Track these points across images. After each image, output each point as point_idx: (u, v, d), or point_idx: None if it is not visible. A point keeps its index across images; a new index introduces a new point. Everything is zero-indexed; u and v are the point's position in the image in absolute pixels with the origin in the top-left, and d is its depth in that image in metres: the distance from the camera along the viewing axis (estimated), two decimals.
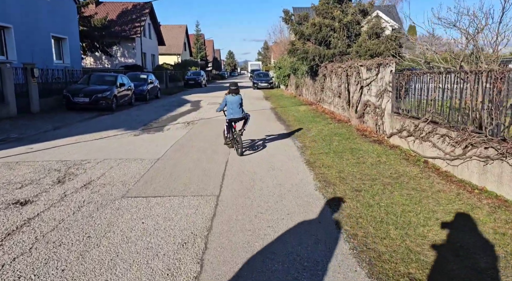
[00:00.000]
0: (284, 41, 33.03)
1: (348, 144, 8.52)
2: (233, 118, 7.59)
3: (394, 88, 8.32)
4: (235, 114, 7.56)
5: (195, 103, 19.56)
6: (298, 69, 20.93)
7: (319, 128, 10.72)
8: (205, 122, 12.57)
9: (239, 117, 7.61)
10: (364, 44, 13.84)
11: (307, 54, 14.79)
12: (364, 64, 10.09)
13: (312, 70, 16.73)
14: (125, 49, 33.94)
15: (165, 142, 8.96)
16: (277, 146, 8.59)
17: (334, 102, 13.80)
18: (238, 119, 7.64)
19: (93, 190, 5.30)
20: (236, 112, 7.56)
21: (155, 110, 16.36)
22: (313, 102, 17.71)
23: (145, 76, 22.24)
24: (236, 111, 7.57)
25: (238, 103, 7.56)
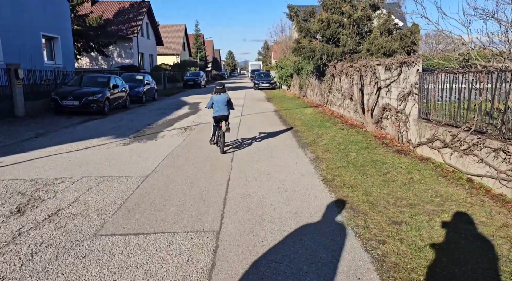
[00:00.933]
0: (285, 40, 31.89)
1: (368, 154, 7.35)
2: (218, 116, 7.76)
3: (421, 90, 7.15)
4: (220, 112, 7.73)
5: (193, 106, 18.38)
6: (303, 69, 19.77)
7: (331, 135, 9.55)
8: (204, 127, 11.40)
9: (224, 115, 7.76)
10: (376, 42, 12.68)
11: (313, 53, 13.63)
12: (382, 63, 8.91)
13: (319, 70, 15.55)
14: (122, 49, 32.77)
15: (157, 153, 7.79)
16: (286, 157, 7.42)
17: (344, 104, 12.62)
18: (223, 117, 7.76)
19: (58, 224, 4.13)
20: (221, 109, 7.73)
21: (150, 114, 15.19)
22: (320, 104, 16.53)
23: (141, 77, 21.07)
24: (221, 109, 7.73)
25: (223, 101, 7.72)
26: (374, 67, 9.35)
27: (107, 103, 15.11)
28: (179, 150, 8.07)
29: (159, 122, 12.46)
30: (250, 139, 9.37)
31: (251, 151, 8.00)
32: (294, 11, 14.23)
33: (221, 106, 7.70)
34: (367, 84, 10.17)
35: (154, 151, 7.94)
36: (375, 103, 9.51)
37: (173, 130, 10.89)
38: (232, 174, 6.20)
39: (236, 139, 9.36)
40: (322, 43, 13.56)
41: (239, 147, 8.51)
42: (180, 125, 11.75)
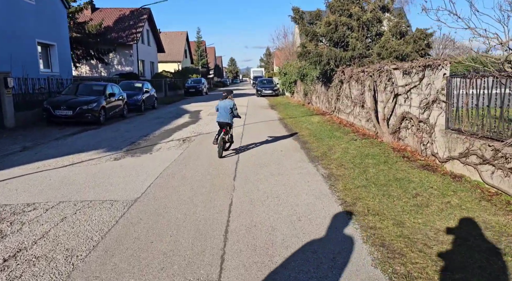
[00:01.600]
0: (288, 46, 31.14)
1: (389, 170, 6.42)
2: (218, 121, 7.88)
3: (450, 97, 6.24)
4: (221, 118, 7.82)
5: (194, 114, 17.52)
6: (307, 75, 18.91)
7: (343, 147, 8.63)
8: (204, 138, 10.51)
9: (223, 122, 7.79)
10: (388, 45, 11.80)
11: (320, 58, 12.77)
12: (399, 67, 8.02)
13: (325, 75, 14.68)
14: (122, 56, 32.08)
15: (150, 169, 6.89)
16: (295, 174, 6.50)
17: (354, 112, 11.71)
18: (223, 123, 7.81)
19: (12, 275, 3.22)
20: (222, 116, 7.82)
21: (148, 123, 14.32)
22: (326, 111, 15.63)
23: (140, 85, 20.27)
24: (222, 115, 7.82)
25: (226, 108, 7.74)
26: (390, 72, 8.45)
27: (103, 112, 14.28)
28: (175, 166, 7.17)
29: (157, 133, 11.58)
30: (254, 152, 8.48)
31: (256, 166, 7.09)
32: (299, 14, 13.41)
33: (222, 112, 7.79)
34: (381, 90, 9.28)
35: (147, 167, 7.04)
36: (391, 112, 8.60)
37: (170, 142, 10.00)
38: (235, 197, 5.29)
39: (239, 151, 8.46)
40: (329, 47, 12.71)
41: (242, 161, 7.61)
42: (178, 136, 10.86)
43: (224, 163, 7.43)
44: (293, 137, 10.54)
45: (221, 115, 7.78)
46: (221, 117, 7.78)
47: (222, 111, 7.76)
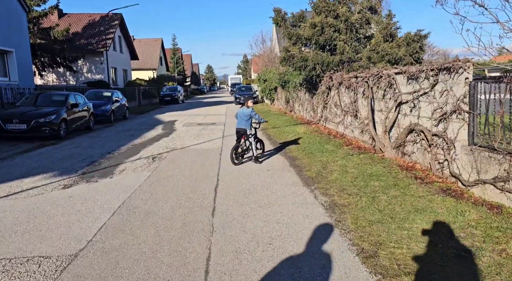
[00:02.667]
0: (267, 52, 30.08)
1: (404, 197, 5.19)
2: (237, 128, 7.86)
3: (475, 107, 5.10)
4: (239, 125, 7.82)
5: (168, 125, 15.98)
6: (289, 81, 17.77)
7: (340, 164, 7.38)
8: (178, 155, 9.06)
9: (242, 128, 7.74)
10: (379, 48, 10.75)
11: (306, 63, 11.59)
12: (403, 71, 6.87)
13: (310, 82, 13.54)
14: (92, 64, 30.10)
15: (106, 202, 5.41)
16: (289, 205, 5.18)
17: (345, 122, 10.55)
18: (242, 130, 7.76)
19: None
20: (240, 123, 7.80)
21: (116, 136, 12.71)
22: (312, 120, 14.46)
23: (109, 94, 18.56)
24: (240, 122, 7.81)
25: (244, 115, 7.71)
26: (392, 77, 7.30)
27: (64, 125, 12.57)
28: (138, 196, 5.70)
29: (123, 149, 10.03)
30: (236, 171, 7.12)
31: (240, 193, 5.72)
32: (281, 15, 12.23)
33: (240, 120, 7.78)
34: (379, 98, 8.13)
35: (103, 199, 5.55)
36: (393, 123, 7.43)
37: (138, 160, 8.49)
38: (214, 245, 3.90)
39: (219, 175, 7.07)
40: (315, 51, 11.56)
41: (223, 185, 6.23)
42: (148, 153, 9.36)
43: (201, 188, 6.03)
44: (280, 151, 9.24)
45: (240, 123, 7.71)
46: (240, 124, 7.71)
47: (241, 118, 7.70)
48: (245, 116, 7.68)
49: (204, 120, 17.77)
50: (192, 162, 8.24)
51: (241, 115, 7.75)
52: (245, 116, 7.68)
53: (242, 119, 7.72)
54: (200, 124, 15.84)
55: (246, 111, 7.71)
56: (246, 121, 7.67)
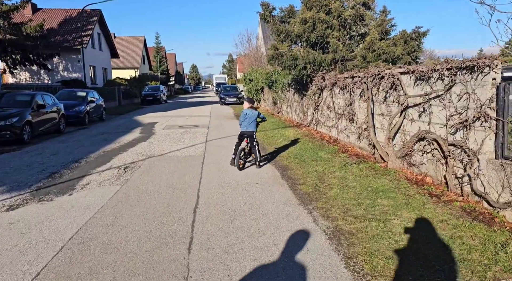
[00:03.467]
0: (253, 51, 29.11)
1: (422, 222, 4.30)
2: (242, 131, 7.40)
3: (505, 113, 4.24)
4: (246, 128, 7.34)
5: (147, 128, 14.82)
6: (277, 81, 16.85)
7: (339, 176, 6.46)
8: (154, 164, 7.98)
9: (250, 131, 7.32)
10: (375, 46, 9.91)
11: (296, 61, 10.66)
12: (411, 71, 6.00)
13: (300, 82, 12.63)
14: (68, 62, 28.53)
15: (55, 231, 4.32)
16: (285, 231, 4.21)
17: (339, 126, 9.66)
18: (249, 133, 7.32)
19: None
20: (248, 125, 7.33)
21: (87, 141, 11.51)
22: (301, 123, 13.55)
23: (83, 94, 17.24)
24: (248, 125, 7.33)
25: (252, 118, 7.36)
26: (397, 77, 6.42)
27: (28, 129, 11.32)
28: (99, 221, 4.63)
29: (93, 157, 8.88)
30: (220, 185, 6.11)
31: (224, 216, 4.72)
32: (269, 10, 11.27)
33: (248, 123, 7.32)
34: (379, 101, 7.26)
35: (53, 226, 4.46)
36: (397, 129, 6.56)
37: (107, 171, 7.38)
38: None
39: (199, 189, 6.05)
40: (306, 49, 10.64)
41: (204, 204, 5.22)
42: (120, 162, 8.25)
43: (178, 209, 5.00)
44: (269, 159, 8.28)
45: (248, 125, 7.27)
46: (248, 127, 7.27)
47: (248, 121, 7.28)
48: (253, 119, 7.26)
49: (186, 122, 16.67)
50: (169, 172, 7.19)
51: (249, 117, 7.29)
52: (252, 118, 7.26)
53: (249, 121, 7.26)
54: (182, 127, 14.74)
55: (254, 113, 7.31)
56: (253, 123, 7.26)
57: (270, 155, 8.77)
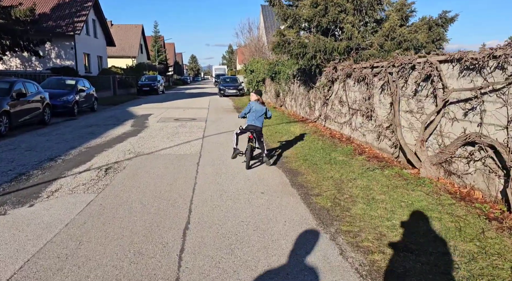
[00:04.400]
0: (254, 41, 27.79)
1: (491, 259, 3.18)
2: (249, 125, 6.57)
3: None
4: (254, 122, 6.56)
5: (140, 120, 13.63)
6: (280, 72, 15.63)
7: (362, 186, 5.32)
8: (142, 165, 6.83)
9: (257, 126, 6.57)
10: (395, 33, 8.71)
11: (304, 49, 9.45)
12: (456, 59, 4.82)
13: (307, 73, 11.44)
14: (61, 49, 27.13)
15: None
16: (303, 271, 3.09)
17: (353, 123, 8.51)
18: (257, 128, 6.57)
19: None
20: (256, 120, 6.56)
21: (71, 135, 10.32)
22: (307, 118, 12.39)
23: (72, 82, 15.99)
24: (255, 119, 6.56)
25: (260, 112, 6.62)
26: (434, 66, 5.25)
27: (6, 119, 10.14)
28: (55, 251, 3.48)
29: (73, 154, 7.72)
30: (217, 195, 4.97)
31: (221, 248, 3.58)
32: None
33: (255, 117, 6.62)
34: (407, 95, 6.09)
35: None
36: (433, 129, 5.41)
37: (84, 173, 6.23)
38: None
39: (192, 201, 4.91)
40: (316, 35, 9.43)
41: (196, 223, 4.08)
42: (102, 161, 7.09)
43: (163, 231, 3.86)
44: (274, 161, 7.14)
45: (255, 120, 6.60)
46: (256, 122, 6.59)
47: (255, 115, 6.60)
48: (260, 113, 6.60)
49: (183, 114, 15.47)
50: (158, 176, 6.04)
51: (256, 111, 6.59)
52: (260, 112, 6.60)
53: (256, 116, 6.56)
54: (177, 120, 13.56)
55: (261, 108, 6.66)
56: (260, 118, 6.62)
57: (277, 154, 7.62)
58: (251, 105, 6.64)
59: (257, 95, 6.80)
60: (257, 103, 6.65)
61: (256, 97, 6.74)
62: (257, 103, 6.65)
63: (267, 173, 6.28)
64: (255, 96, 6.74)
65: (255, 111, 6.57)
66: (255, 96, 6.76)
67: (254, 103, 6.64)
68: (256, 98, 6.73)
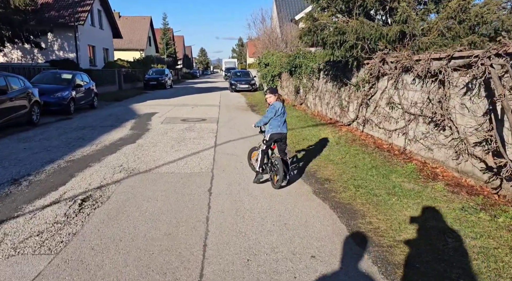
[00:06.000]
0: (267, 32, 25.62)
1: None
2: (276, 133, 5.05)
3: None
4: (280, 128, 5.07)
5: (142, 120, 11.70)
6: (301, 66, 13.53)
7: (478, 249, 3.30)
8: (134, 192, 4.87)
9: (283, 133, 5.12)
10: (465, 14, 6.57)
11: (343, 37, 7.36)
12: None
13: (340, 67, 9.37)
14: (64, 40, 25.29)
15: None
16: None
17: (410, 131, 6.43)
18: (282, 135, 5.11)
19: None
20: (281, 126, 5.08)
21: (57, 140, 8.43)
22: (336, 120, 10.32)
23: (69, 77, 14.10)
24: (280, 125, 5.08)
25: (283, 114, 5.13)
26: None
27: None
28: None
29: (46, 171, 5.81)
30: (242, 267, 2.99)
31: None
32: None
33: (279, 121, 5.06)
34: None
35: None
36: None
37: (49, 207, 4.31)
38: None
39: (203, 268, 2.94)
40: (359, 19, 7.33)
41: None
42: (81, 184, 5.15)
43: None
44: (309, 180, 5.13)
45: (281, 125, 5.08)
46: (282, 128, 5.09)
47: (280, 120, 5.08)
48: (284, 115, 5.17)
49: (191, 113, 13.50)
50: (153, 216, 4.09)
51: (281, 113, 5.09)
52: (284, 115, 5.17)
53: (281, 120, 5.11)
54: (185, 121, 11.60)
55: (284, 109, 5.20)
56: (285, 122, 5.20)
57: (310, 174, 5.62)
58: (275, 107, 5.06)
59: (275, 93, 5.21)
60: (281, 104, 5.14)
61: (276, 96, 5.19)
62: (281, 104, 5.14)
63: (308, 209, 4.29)
64: (274, 96, 5.18)
65: (280, 115, 5.08)
66: (273, 96, 5.19)
67: (278, 105, 5.10)
68: (277, 97, 5.19)
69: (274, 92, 5.22)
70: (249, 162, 5.93)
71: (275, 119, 5.07)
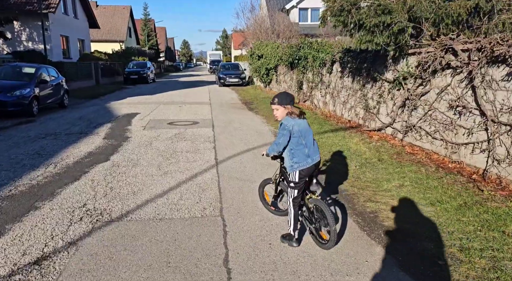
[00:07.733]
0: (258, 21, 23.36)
1: None
2: (307, 168, 3.10)
3: None
4: (314, 156, 3.14)
5: (119, 125, 9.41)
6: (307, 57, 11.46)
7: None
8: (104, 269, 2.74)
9: (317, 160, 3.16)
10: None
11: (388, 17, 5.35)
12: None
13: (371, 58, 7.38)
14: (33, 30, 22.33)
15: None
16: None
17: (496, 150, 4.50)
18: (316, 164, 3.17)
19: None
20: (315, 151, 3.16)
21: (0, 158, 6.14)
22: (359, 123, 8.35)
23: (31, 71, 11.59)
24: (314, 149, 3.15)
25: (311, 136, 3.17)
26: None
27: None
28: None
29: None
30: None
31: None
32: None
33: (310, 146, 3.11)
34: None
35: None
36: None
37: None
38: None
39: None
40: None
41: None
42: (7, 255, 3.00)
43: None
44: (378, 237, 3.13)
45: (311, 153, 3.10)
46: (314, 155, 3.12)
47: (308, 141, 3.09)
48: (310, 132, 3.16)
49: (179, 114, 11.27)
50: None
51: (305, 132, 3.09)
52: (308, 136, 3.12)
53: (308, 144, 3.09)
54: (173, 125, 9.39)
55: (309, 127, 3.17)
56: (315, 143, 3.18)
57: (370, 219, 3.60)
58: (288, 125, 3.03)
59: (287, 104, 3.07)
60: (299, 121, 3.08)
61: (286, 110, 3.08)
62: (299, 121, 3.08)
63: None
64: (283, 109, 3.07)
65: (304, 136, 3.08)
66: (282, 109, 3.08)
67: (294, 122, 3.05)
68: (287, 112, 3.08)
69: (283, 102, 3.06)
70: (262, 202, 3.95)
71: (298, 146, 3.08)
